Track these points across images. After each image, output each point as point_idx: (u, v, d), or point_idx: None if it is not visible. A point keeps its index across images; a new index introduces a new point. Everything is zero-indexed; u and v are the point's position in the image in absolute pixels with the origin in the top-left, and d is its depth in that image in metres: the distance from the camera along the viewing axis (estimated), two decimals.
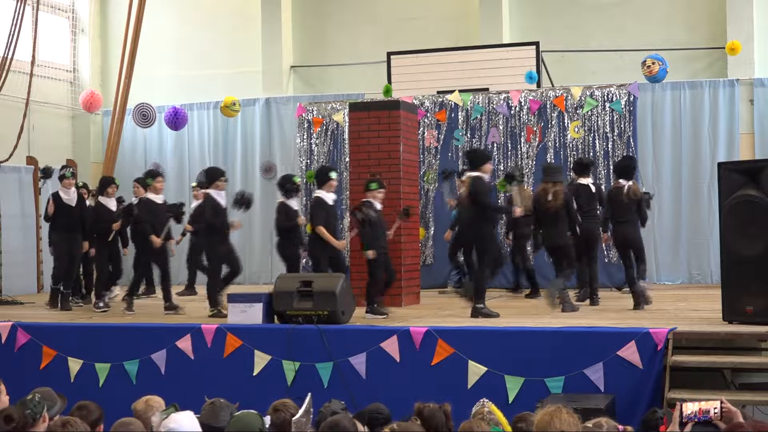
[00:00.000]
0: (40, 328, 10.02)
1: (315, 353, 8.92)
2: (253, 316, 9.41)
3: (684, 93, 14.89)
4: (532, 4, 16.26)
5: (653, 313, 9.89)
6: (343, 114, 14.61)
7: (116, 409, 6.10)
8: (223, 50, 17.64)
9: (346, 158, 13.92)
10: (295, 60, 17.41)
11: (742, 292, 8.46)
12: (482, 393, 6.61)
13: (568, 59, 15.75)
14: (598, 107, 13.97)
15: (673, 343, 8.00)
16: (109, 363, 9.50)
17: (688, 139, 14.84)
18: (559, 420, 4.14)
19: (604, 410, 7.02)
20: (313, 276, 10.06)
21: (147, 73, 17.03)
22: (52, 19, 17.30)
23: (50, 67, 16.94)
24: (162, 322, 10.16)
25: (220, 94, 15.41)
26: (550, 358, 8.26)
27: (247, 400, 6.35)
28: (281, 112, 16.87)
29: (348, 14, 17.18)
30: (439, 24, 16.53)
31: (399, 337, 8.75)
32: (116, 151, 15.96)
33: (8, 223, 15.28)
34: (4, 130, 15.22)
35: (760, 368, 8.32)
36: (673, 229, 14.67)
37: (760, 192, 8.43)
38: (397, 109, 11.87)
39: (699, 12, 15.39)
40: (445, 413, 5.25)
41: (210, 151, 17.30)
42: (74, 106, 17.21)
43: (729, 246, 8.60)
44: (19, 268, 15.22)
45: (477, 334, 8.71)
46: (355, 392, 8.40)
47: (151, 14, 16.21)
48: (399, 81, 15.03)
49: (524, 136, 14.29)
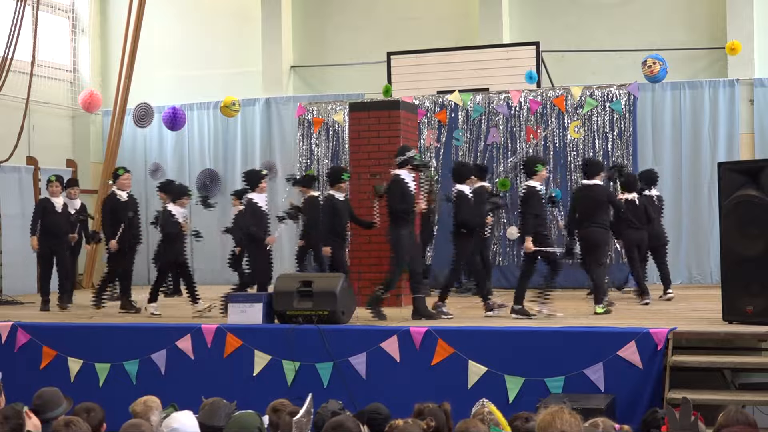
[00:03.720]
0: (40, 328, 10.01)
1: (315, 353, 8.92)
2: (253, 316, 9.41)
3: (684, 93, 14.89)
4: (532, 4, 16.26)
5: (653, 313, 9.90)
6: (343, 114, 14.62)
7: (116, 409, 6.12)
8: (223, 50, 17.64)
9: (346, 158, 13.92)
10: (295, 60, 17.41)
11: (742, 292, 8.46)
12: (482, 393, 6.62)
13: (568, 59, 15.75)
14: (598, 107, 13.97)
15: (673, 343, 8.00)
16: (109, 363, 9.50)
17: (688, 139, 14.84)
18: (561, 420, 4.15)
19: (604, 410, 7.02)
20: (313, 276, 10.06)
21: (147, 73, 17.04)
22: (52, 19, 17.30)
23: (50, 67, 16.93)
24: (162, 322, 10.16)
25: (220, 94, 15.41)
26: (550, 358, 8.26)
27: (247, 400, 6.36)
28: (281, 112, 16.87)
29: (348, 14, 17.17)
30: (439, 24, 16.52)
31: (399, 337, 8.75)
32: (116, 151, 15.98)
33: (8, 223, 15.29)
34: (4, 130, 15.22)
35: (760, 368, 8.33)
36: (673, 229, 14.65)
37: (760, 192, 8.44)
38: (397, 109, 11.86)
39: (699, 12, 15.39)
40: (446, 412, 5.25)
41: (210, 151, 17.30)
42: (74, 106, 17.21)
43: (729, 246, 8.61)
44: (19, 268, 15.22)
45: (477, 334, 8.71)
46: (355, 392, 8.40)
47: (151, 14, 16.22)
48: (399, 81, 15.03)
49: (524, 136, 14.29)
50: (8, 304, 13.18)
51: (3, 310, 12.27)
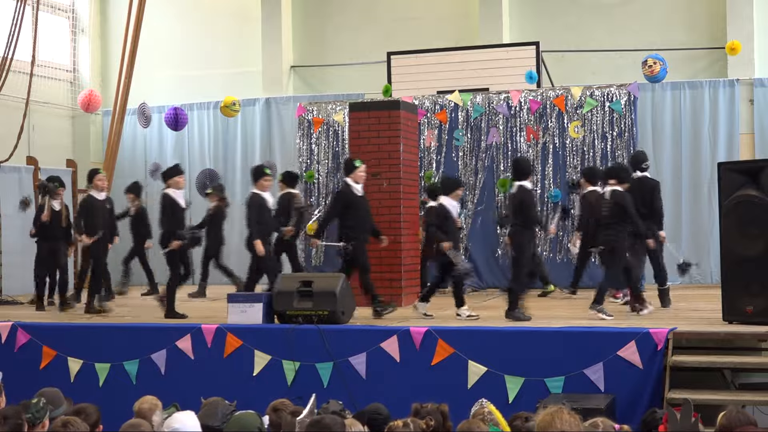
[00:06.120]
0: (40, 328, 10.02)
1: (315, 353, 8.92)
2: (253, 316, 9.42)
3: (684, 93, 14.89)
4: (532, 4, 16.26)
5: (653, 313, 9.89)
6: (343, 114, 14.61)
7: (116, 409, 6.12)
8: (223, 50, 17.64)
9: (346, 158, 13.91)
10: (295, 60, 17.41)
11: (742, 292, 8.47)
12: (482, 393, 6.62)
13: (568, 59, 15.75)
14: (598, 107, 13.97)
15: (673, 343, 8.01)
16: (109, 363, 9.50)
17: (688, 139, 14.84)
18: (560, 420, 4.15)
19: (604, 410, 7.03)
20: (313, 276, 10.06)
21: (147, 73, 17.03)
22: (52, 19, 17.30)
23: (50, 67, 16.93)
24: (162, 322, 10.16)
25: (220, 94, 15.41)
26: (550, 358, 8.27)
27: (247, 400, 6.37)
28: (281, 112, 16.87)
29: (348, 14, 17.18)
30: (438, 24, 16.52)
31: (399, 337, 8.76)
32: (116, 151, 15.96)
33: (8, 223, 15.28)
34: (4, 130, 15.22)
35: (760, 368, 8.33)
36: (674, 229, 14.66)
37: (760, 192, 8.45)
38: (397, 109, 11.86)
39: (699, 12, 15.39)
40: (443, 413, 5.25)
41: (210, 151, 17.31)
42: (74, 106, 17.20)
43: (729, 246, 8.61)
44: (19, 268, 15.20)
45: (477, 334, 8.71)
46: (355, 392, 8.40)
47: (151, 14, 16.21)
48: (399, 81, 15.02)
49: (524, 136, 14.28)
50: (8, 304, 13.18)
51: (3, 310, 12.27)
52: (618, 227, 9.70)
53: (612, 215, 9.77)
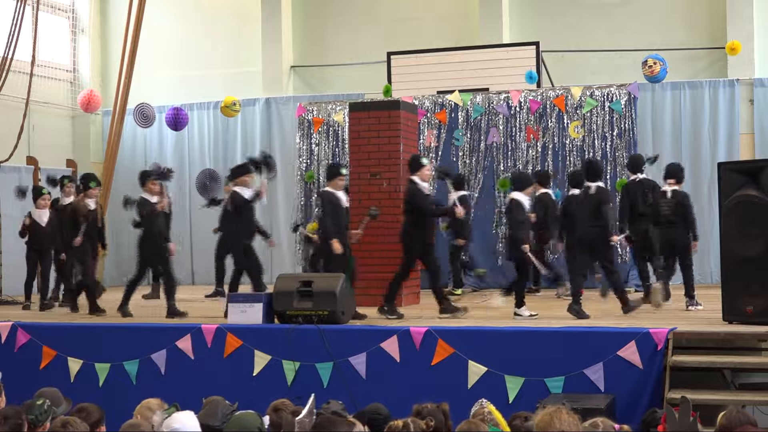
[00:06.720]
0: (40, 328, 10.01)
1: (315, 353, 8.92)
2: (253, 316, 9.41)
3: (684, 93, 14.90)
4: (532, 4, 16.26)
5: (653, 313, 9.89)
6: (343, 114, 14.61)
7: (116, 409, 6.12)
8: (223, 50, 17.64)
9: (347, 158, 13.92)
10: (295, 60, 17.42)
11: (742, 292, 8.47)
12: (482, 393, 6.63)
13: (568, 59, 15.76)
14: (598, 107, 13.97)
15: (673, 343, 8.00)
16: (109, 363, 9.50)
17: (688, 139, 14.85)
18: (559, 420, 4.15)
19: (604, 410, 7.02)
20: (313, 276, 10.05)
21: (147, 73, 17.04)
22: (52, 19, 17.31)
23: (50, 67, 16.94)
24: (162, 322, 10.16)
25: (220, 94, 15.43)
26: (550, 358, 8.26)
27: (247, 400, 6.36)
28: (281, 112, 16.88)
29: (348, 14, 17.18)
30: (438, 24, 16.52)
31: (399, 337, 8.75)
32: (116, 151, 15.97)
33: (8, 223, 15.28)
34: (4, 130, 15.23)
35: (760, 368, 8.33)
36: None
37: (760, 192, 8.45)
38: (397, 109, 11.86)
39: (699, 12, 15.39)
40: (444, 413, 5.25)
41: (210, 151, 17.31)
42: (74, 106, 17.20)
43: (729, 246, 8.61)
44: (19, 269, 15.17)
45: (477, 334, 8.71)
46: (355, 392, 8.40)
47: (151, 14, 16.22)
48: (399, 81, 15.03)
49: (524, 136, 14.29)
50: (8, 304, 13.17)
51: (3, 310, 12.28)
52: (681, 225, 10.30)
53: (674, 214, 10.30)
